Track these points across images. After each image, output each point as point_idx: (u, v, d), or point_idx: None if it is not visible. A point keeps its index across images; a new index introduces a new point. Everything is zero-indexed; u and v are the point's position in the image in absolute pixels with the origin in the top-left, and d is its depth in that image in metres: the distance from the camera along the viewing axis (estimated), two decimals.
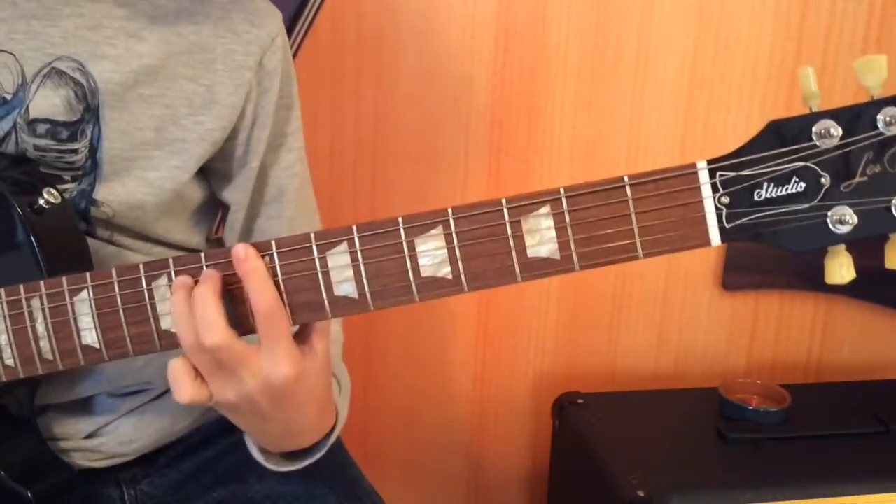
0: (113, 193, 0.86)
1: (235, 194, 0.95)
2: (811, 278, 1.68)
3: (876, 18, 1.54)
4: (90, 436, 0.93)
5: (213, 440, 1.01)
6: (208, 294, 0.69)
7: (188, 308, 0.69)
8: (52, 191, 0.81)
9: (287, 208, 0.96)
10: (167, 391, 0.96)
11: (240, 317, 0.71)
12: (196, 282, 0.71)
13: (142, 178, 0.87)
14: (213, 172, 0.94)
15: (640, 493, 1.29)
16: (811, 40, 1.54)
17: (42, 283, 0.77)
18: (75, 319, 0.76)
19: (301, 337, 0.73)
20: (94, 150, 0.84)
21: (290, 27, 1.45)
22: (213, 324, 0.68)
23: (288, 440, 0.81)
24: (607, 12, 1.53)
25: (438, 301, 1.70)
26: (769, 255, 1.65)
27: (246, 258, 0.69)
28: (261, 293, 0.69)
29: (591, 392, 1.58)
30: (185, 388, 0.72)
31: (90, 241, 0.86)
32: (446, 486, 1.74)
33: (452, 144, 1.56)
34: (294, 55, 1.41)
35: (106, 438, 0.93)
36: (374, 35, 1.49)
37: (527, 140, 1.57)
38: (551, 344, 1.67)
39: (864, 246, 1.90)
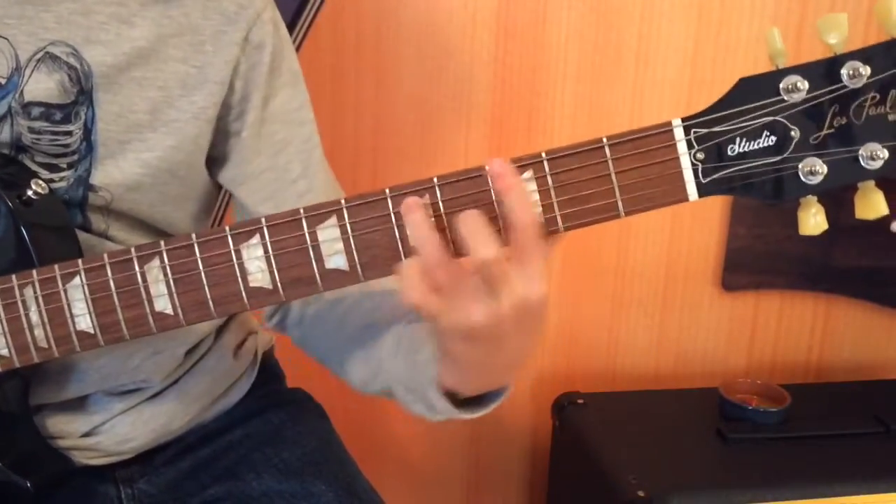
0: (109, 176, 0.86)
1: (231, 172, 0.94)
2: (811, 278, 1.68)
3: (876, 18, 1.54)
4: (87, 434, 0.93)
5: (210, 439, 1.01)
6: (476, 211, 0.68)
7: (429, 222, 0.68)
8: (40, 182, 0.81)
9: (316, 180, 0.95)
10: (163, 390, 0.96)
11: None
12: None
13: (137, 159, 0.87)
14: (212, 160, 0.94)
15: (640, 493, 1.29)
16: (811, 40, 1.53)
17: (34, 271, 0.77)
18: (69, 305, 0.76)
19: None
20: (88, 132, 0.85)
21: (290, 27, 1.45)
22: (488, 237, 0.67)
23: (502, 373, 0.78)
24: (607, 12, 1.53)
25: None
26: (769, 254, 1.65)
27: (503, 173, 0.67)
28: (521, 209, 0.67)
29: (591, 392, 1.58)
30: (415, 291, 0.69)
31: (86, 236, 0.86)
32: (446, 486, 1.74)
33: (452, 144, 1.56)
34: None
35: (103, 437, 0.93)
36: (374, 35, 1.49)
37: (527, 140, 1.57)
38: (551, 344, 1.67)
39: (863, 245, 1.89)
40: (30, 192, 0.81)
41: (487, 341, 0.71)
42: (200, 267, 0.74)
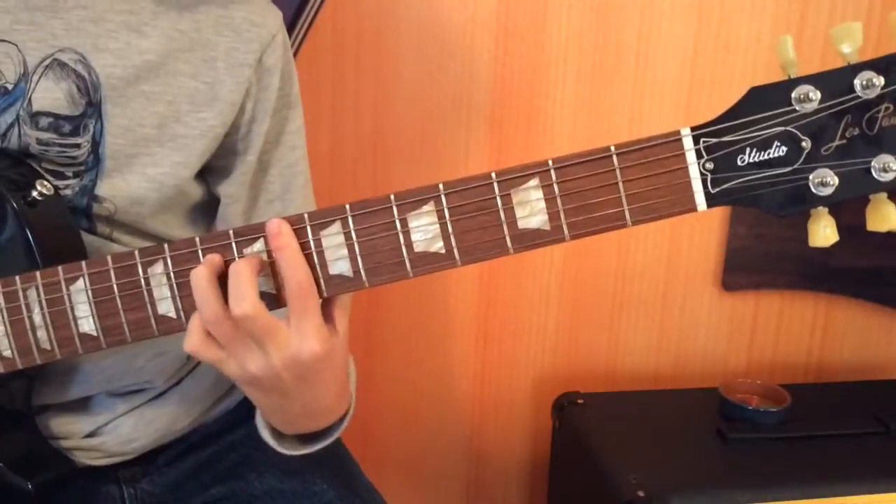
0: (115, 189, 0.86)
1: (230, 188, 0.95)
2: (811, 278, 1.68)
3: (876, 18, 1.54)
4: (90, 435, 0.93)
5: (212, 439, 1.01)
6: (247, 268, 0.69)
7: (208, 280, 0.70)
8: (45, 183, 0.82)
9: (290, 207, 0.96)
10: (166, 391, 0.96)
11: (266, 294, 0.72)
12: (226, 262, 0.71)
13: (143, 173, 0.87)
14: (210, 169, 0.94)
15: (640, 494, 1.29)
16: (811, 40, 1.54)
17: (38, 273, 0.77)
18: (72, 308, 0.76)
19: (324, 315, 0.73)
20: (96, 145, 0.85)
21: (290, 27, 1.45)
22: (245, 294, 0.69)
23: (307, 420, 0.81)
24: (607, 12, 1.53)
25: (438, 301, 1.71)
26: (769, 255, 1.65)
27: (279, 233, 0.70)
28: (293, 268, 0.69)
29: (591, 392, 1.58)
30: (192, 339, 0.72)
31: (91, 238, 0.86)
32: (446, 486, 1.74)
33: (452, 144, 1.56)
34: (294, 55, 1.41)
35: (106, 438, 0.93)
36: (374, 35, 1.49)
37: (527, 140, 1.57)
38: (551, 344, 1.67)
39: (863, 245, 1.89)
40: (35, 193, 0.81)
41: (272, 391, 0.74)
42: None
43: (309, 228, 0.71)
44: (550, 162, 0.68)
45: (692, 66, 1.56)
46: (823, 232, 0.67)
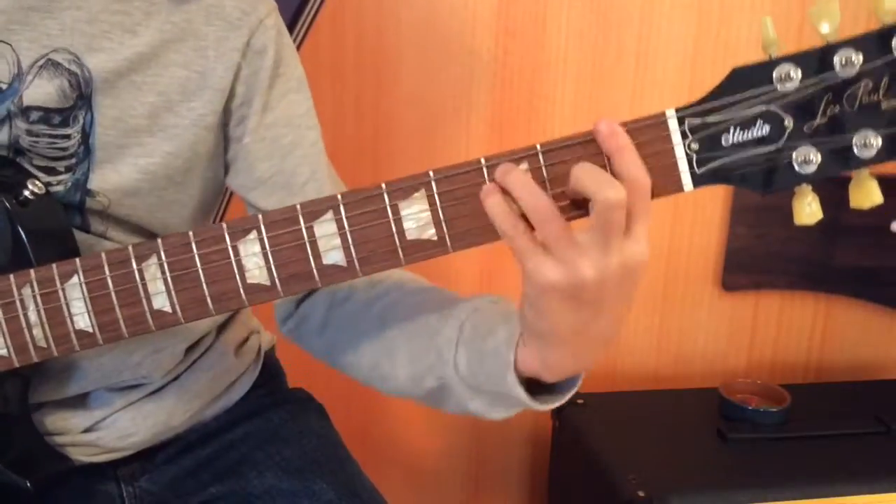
0: (107, 181, 0.86)
1: (240, 178, 0.94)
2: (811, 278, 1.68)
3: (876, 18, 1.54)
4: (87, 430, 0.93)
5: (211, 437, 1.01)
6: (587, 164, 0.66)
7: (533, 182, 0.66)
8: (37, 182, 0.82)
9: (325, 185, 0.95)
10: (164, 386, 0.96)
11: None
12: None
13: (134, 164, 0.86)
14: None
15: (640, 494, 1.29)
16: (811, 40, 1.54)
17: (32, 270, 0.77)
18: (67, 305, 0.76)
19: None
20: (86, 136, 0.85)
21: (290, 27, 1.44)
22: (612, 179, 0.65)
23: (593, 346, 0.73)
24: (607, 12, 1.53)
25: None
26: (769, 255, 1.65)
27: (614, 132, 0.66)
28: (635, 167, 0.65)
29: (591, 392, 1.58)
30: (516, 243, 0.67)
31: (84, 236, 0.86)
32: (446, 486, 1.74)
33: (452, 144, 1.56)
34: None
35: (103, 433, 0.93)
36: (374, 35, 1.50)
37: (527, 140, 1.54)
38: None
39: (863, 245, 1.88)
40: (26, 193, 0.81)
41: (590, 304, 0.68)
42: (198, 264, 0.74)
43: (301, 218, 0.71)
44: (538, 146, 0.68)
45: (692, 66, 1.56)
46: (808, 208, 0.67)
